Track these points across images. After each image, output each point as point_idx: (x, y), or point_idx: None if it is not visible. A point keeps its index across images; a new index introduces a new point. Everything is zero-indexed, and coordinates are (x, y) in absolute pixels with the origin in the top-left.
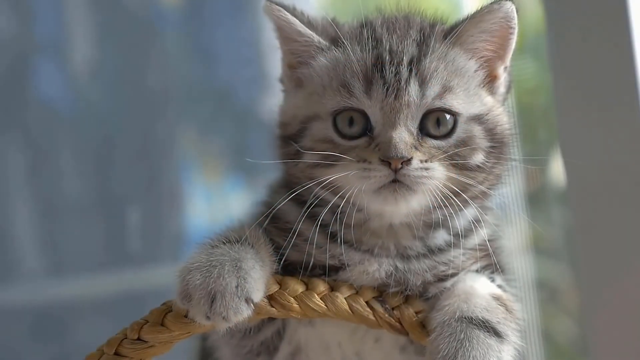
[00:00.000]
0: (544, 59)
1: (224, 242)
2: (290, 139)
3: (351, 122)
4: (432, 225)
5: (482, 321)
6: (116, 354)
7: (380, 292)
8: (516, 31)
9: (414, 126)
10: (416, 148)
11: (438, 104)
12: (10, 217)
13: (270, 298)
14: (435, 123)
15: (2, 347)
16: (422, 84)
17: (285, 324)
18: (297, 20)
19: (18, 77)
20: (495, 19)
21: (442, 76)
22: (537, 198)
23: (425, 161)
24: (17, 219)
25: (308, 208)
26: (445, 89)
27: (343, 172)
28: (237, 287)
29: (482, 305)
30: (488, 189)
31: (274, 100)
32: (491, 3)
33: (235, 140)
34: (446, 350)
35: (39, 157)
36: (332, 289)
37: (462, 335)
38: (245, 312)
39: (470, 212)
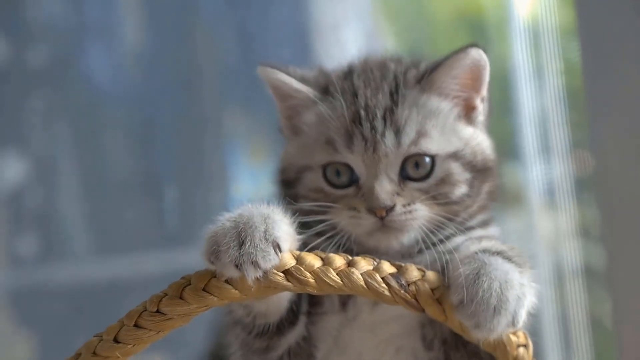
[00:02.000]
0: None
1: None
2: (289, 184)
3: (338, 173)
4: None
5: (498, 251)
6: (136, 325)
7: (398, 268)
8: (488, 65)
9: (394, 173)
10: (398, 194)
11: (414, 150)
12: (56, 197)
13: (287, 272)
14: (414, 166)
15: (49, 323)
16: (397, 132)
17: (310, 330)
18: (292, 79)
19: (68, 57)
20: (465, 65)
21: (415, 122)
22: (586, 182)
23: (408, 204)
24: (64, 199)
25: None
26: (420, 134)
27: (336, 219)
28: (265, 231)
29: (493, 243)
30: (484, 205)
31: None
32: (458, 52)
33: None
34: (468, 272)
35: (86, 137)
36: (349, 264)
37: (479, 261)
38: (273, 258)
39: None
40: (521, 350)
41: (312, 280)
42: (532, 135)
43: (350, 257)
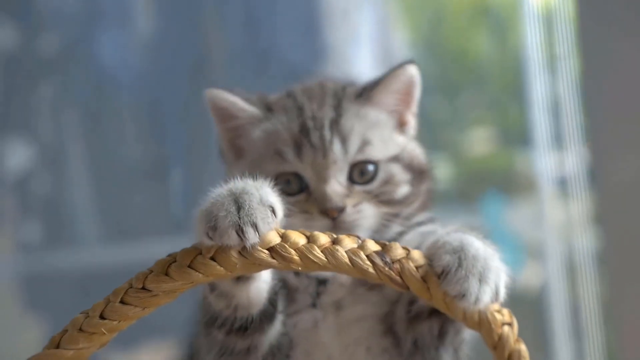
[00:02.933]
0: None
1: None
2: None
3: (288, 182)
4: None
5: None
6: (122, 302)
7: (383, 246)
8: (419, 83)
9: (343, 178)
10: (347, 196)
11: (360, 157)
12: (65, 183)
13: (271, 250)
14: (359, 173)
15: (58, 308)
16: (344, 141)
17: (290, 333)
18: (238, 98)
19: (77, 44)
20: (401, 81)
21: (359, 131)
22: None
23: (357, 204)
24: (72, 185)
25: None
26: (364, 143)
27: (292, 221)
28: (260, 197)
29: (459, 227)
30: (425, 202)
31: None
32: (396, 69)
33: None
34: (451, 241)
35: (94, 123)
36: (334, 242)
37: (459, 233)
38: (271, 221)
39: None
40: (506, 328)
41: (296, 258)
42: (545, 123)
43: (335, 235)
